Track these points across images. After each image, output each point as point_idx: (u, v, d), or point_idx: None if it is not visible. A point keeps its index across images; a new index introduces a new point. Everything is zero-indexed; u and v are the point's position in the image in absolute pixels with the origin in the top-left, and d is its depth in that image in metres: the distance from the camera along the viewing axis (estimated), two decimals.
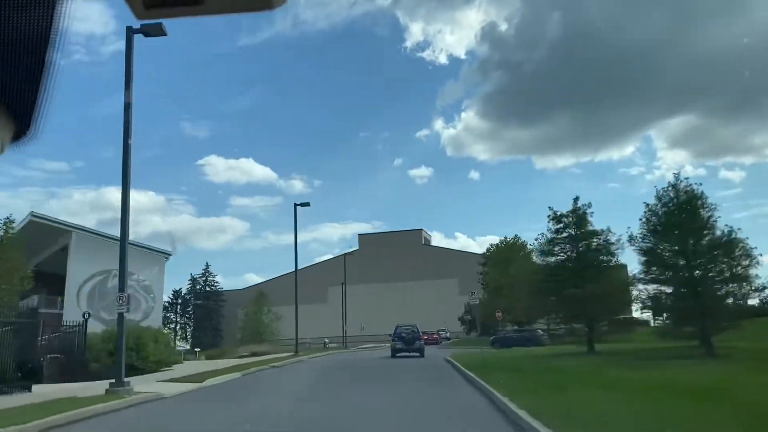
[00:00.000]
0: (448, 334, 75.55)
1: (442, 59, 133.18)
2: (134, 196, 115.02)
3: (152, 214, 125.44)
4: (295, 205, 37.71)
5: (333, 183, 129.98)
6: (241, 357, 33.33)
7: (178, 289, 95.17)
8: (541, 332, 39.34)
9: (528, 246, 50.09)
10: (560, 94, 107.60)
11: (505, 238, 54.88)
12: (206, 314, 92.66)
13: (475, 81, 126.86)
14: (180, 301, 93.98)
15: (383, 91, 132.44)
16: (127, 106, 15.67)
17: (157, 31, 16.87)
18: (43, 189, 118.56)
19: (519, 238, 53.36)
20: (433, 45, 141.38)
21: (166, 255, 28.40)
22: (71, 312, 20.18)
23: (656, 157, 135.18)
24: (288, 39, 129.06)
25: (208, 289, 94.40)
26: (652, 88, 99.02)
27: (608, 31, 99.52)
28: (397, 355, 30.14)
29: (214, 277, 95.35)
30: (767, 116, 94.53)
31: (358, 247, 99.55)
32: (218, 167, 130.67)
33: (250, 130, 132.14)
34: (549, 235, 28.35)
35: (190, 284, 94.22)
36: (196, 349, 50.14)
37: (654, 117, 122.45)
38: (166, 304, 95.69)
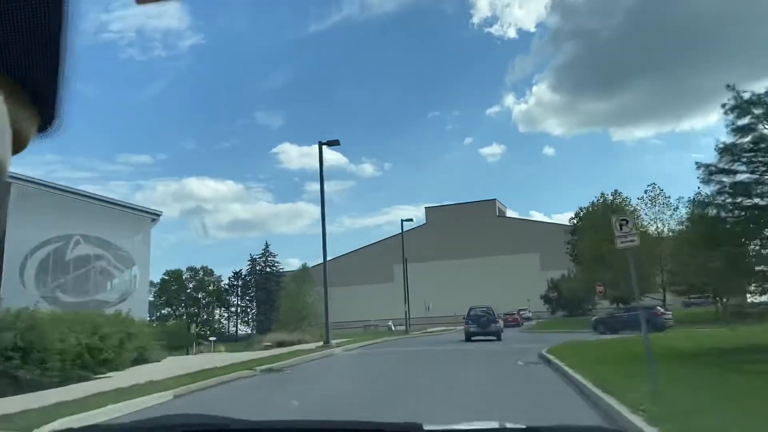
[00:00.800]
0: (530, 314, 66.94)
1: (511, 33, 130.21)
2: (214, 185, 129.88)
3: (232, 202, 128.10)
4: (320, 143, 28.75)
5: (403, 165, 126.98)
6: (266, 347, 26.64)
7: (238, 270, 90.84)
8: (663, 311, 30.21)
9: (631, 203, 40.97)
10: (637, 61, 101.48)
11: (602, 195, 45.08)
12: (267, 296, 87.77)
13: (546, 53, 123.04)
14: (240, 282, 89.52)
15: (452, 69, 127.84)
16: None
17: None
18: (129, 182, 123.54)
19: (620, 193, 43.63)
20: (501, 19, 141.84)
21: (154, 215, 21.61)
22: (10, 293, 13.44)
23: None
24: (356, 23, 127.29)
25: (268, 269, 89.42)
26: (736, 49, 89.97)
27: None
28: (473, 339, 27.95)
29: (274, 257, 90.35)
30: None
31: (425, 221, 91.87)
32: (291, 154, 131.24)
33: (320, 115, 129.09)
34: (726, 145, 14.69)
35: (249, 265, 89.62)
36: (211, 338, 44.02)
37: (740, 80, 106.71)
38: (226, 286, 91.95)
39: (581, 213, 52.73)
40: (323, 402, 9.88)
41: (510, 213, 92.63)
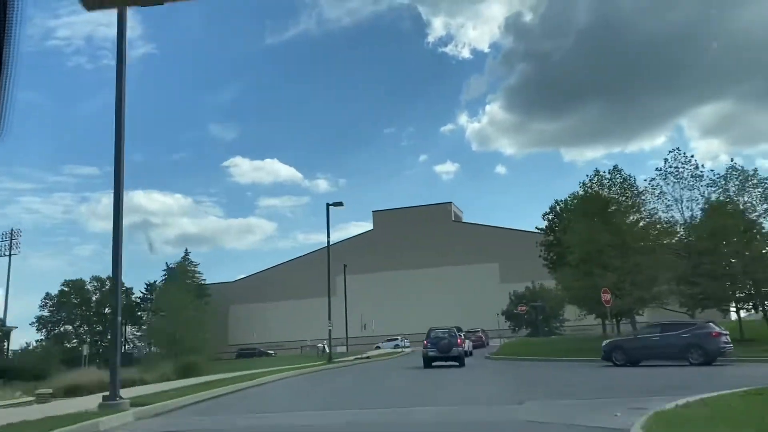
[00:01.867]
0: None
1: (466, 53, 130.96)
2: (162, 199, 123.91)
3: (180, 216, 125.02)
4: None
5: (358, 181, 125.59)
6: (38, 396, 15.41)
7: (152, 281, 77.84)
8: (720, 330, 19.96)
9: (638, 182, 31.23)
10: (589, 83, 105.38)
11: (597, 173, 33.01)
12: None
13: (499, 74, 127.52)
14: (154, 296, 76.48)
15: (407, 86, 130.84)
16: None
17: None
18: (75, 194, 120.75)
19: (621, 170, 32.30)
20: (456, 39, 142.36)
21: None
22: None
23: (689, 146, 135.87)
24: (313, 37, 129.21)
25: (188, 281, 76.75)
26: (683, 76, 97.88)
27: (638, 18, 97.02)
28: (433, 364, 24.85)
29: (195, 266, 77.85)
30: None
31: (372, 227, 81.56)
32: (243, 168, 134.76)
33: (274, 130, 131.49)
34: None
35: (165, 275, 76.73)
36: None
37: (685, 105, 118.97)
38: (138, 300, 79.00)
39: (558, 207, 43.31)
40: None
41: (467, 219, 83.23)
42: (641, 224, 28.64)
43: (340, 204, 35.84)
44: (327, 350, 57.11)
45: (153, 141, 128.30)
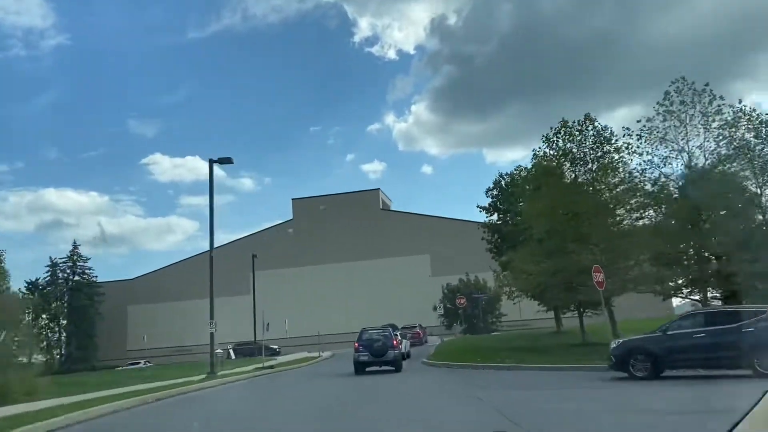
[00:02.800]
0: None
1: (392, 54, 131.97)
2: (76, 197, 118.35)
3: (96, 215, 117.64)
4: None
5: (284, 180, 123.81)
6: None
7: (35, 279, 67.02)
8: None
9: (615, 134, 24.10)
10: (510, 86, 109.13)
11: (563, 123, 25.61)
12: (75, 315, 65.21)
13: (424, 75, 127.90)
14: (36, 296, 65.77)
15: (333, 84, 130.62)
16: None
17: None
18: None
19: (594, 119, 25.35)
20: (382, 40, 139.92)
21: None
22: None
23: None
24: (238, 33, 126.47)
25: (77, 278, 66.68)
26: (600, 80, 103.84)
27: (557, 24, 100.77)
28: (367, 370, 22.20)
29: (85, 261, 67.73)
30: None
31: (292, 217, 74.32)
32: (164, 166, 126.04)
33: (196, 127, 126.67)
34: None
35: (48, 272, 66.19)
36: None
37: (602, 107, 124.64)
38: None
39: (503, 181, 37.80)
40: None
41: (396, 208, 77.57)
42: (621, 188, 23.19)
43: (228, 161, 27.77)
44: (232, 356, 49.80)
45: (68, 137, 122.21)
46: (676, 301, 35.02)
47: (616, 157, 23.37)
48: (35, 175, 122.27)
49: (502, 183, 37.96)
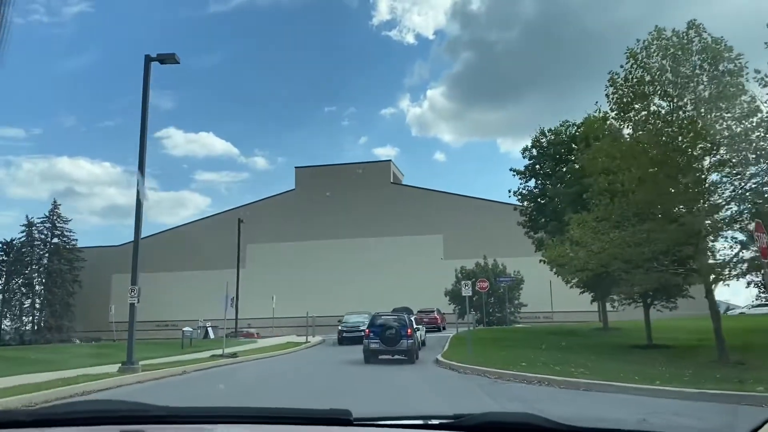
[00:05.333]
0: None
1: (410, 39, 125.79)
2: (89, 167, 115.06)
3: (108, 186, 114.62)
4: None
5: (297, 159, 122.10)
6: None
7: (9, 240, 61.16)
8: None
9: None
10: (530, 76, 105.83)
11: (657, 29, 17.29)
12: (51, 280, 59.40)
13: (443, 61, 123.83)
14: (11, 258, 60.03)
15: (350, 65, 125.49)
16: None
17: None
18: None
19: (701, 26, 16.95)
20: (401, 24, 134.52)
21: None
22: None
23: None
24: (258, 7, 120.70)
25: (55, 240, 60.80)
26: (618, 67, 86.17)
27: (584, 10, 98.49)
28: (380, 357, 20.98)
29: (66, 222, 61.83)
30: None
31: (295, 187, 68.22)
32: (177, 140, 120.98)
33: (211, 103, 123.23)
34: None
35: (24, 232, 60.31)
36: None
37: None
38: None
39: (546, 138, 30.92)
40: None
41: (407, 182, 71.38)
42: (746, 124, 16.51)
43: (172, 58, 20.44)
44: (210, 335, 44.19)
45: (86, 105, 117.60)
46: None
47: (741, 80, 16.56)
48: (50, 143, 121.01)
49: (543, 141, 31.36)
